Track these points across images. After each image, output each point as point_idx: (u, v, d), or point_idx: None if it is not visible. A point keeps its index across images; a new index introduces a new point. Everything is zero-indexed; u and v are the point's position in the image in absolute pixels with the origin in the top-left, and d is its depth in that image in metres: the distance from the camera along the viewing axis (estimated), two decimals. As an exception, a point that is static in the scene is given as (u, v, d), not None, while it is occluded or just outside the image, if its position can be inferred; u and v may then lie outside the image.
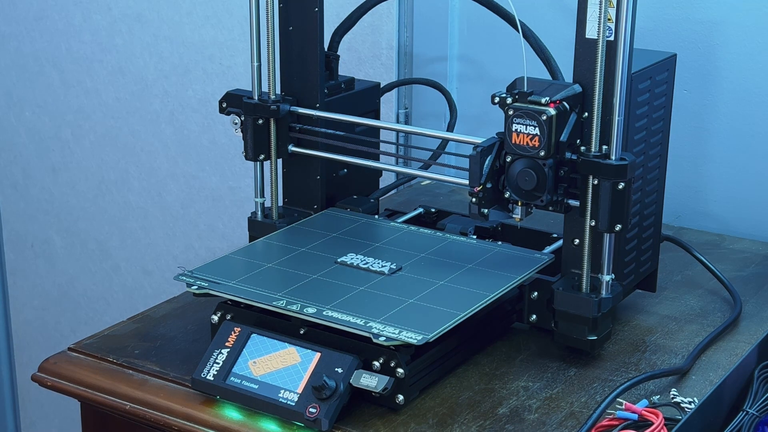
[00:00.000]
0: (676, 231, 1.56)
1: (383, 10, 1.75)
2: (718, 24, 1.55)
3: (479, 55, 1.77)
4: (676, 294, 1.38)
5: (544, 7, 1.66)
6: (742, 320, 1.31)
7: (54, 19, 2.16)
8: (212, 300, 1.21)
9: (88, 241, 2.27)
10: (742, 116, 1.57)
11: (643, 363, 1.22)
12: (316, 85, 1.38)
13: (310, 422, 1.07)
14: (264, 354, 1.13)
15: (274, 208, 1.39)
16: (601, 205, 1.14)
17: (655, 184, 1.30)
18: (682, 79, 1.50)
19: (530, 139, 1.15)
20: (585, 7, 1.15)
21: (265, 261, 1.25)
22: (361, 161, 1.36)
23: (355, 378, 1.08)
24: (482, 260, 1.26)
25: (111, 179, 2.19)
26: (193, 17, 1.99)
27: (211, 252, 2.08)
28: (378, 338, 1.08)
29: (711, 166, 1.61)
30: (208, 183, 2.06)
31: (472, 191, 1.16)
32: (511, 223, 1.34)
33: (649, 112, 1.25)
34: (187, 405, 1.14)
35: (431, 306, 1.15)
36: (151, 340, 1.26)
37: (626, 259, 1.25)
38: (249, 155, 1.36)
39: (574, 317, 1.19)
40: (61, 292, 2.35)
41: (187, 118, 2.05)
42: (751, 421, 1.12)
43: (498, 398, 1.15)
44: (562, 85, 1.17)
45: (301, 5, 1.36)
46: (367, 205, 1.42)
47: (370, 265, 1.24)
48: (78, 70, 2.16)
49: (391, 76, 1.78)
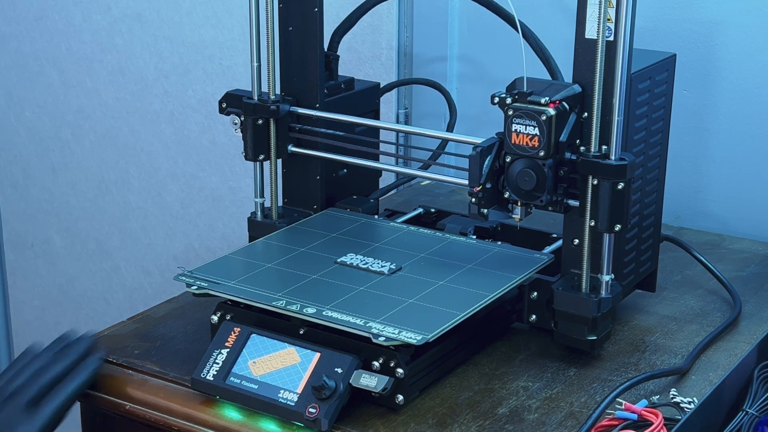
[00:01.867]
0: (676, 231, 1.56)
1: (383, 10, 1.75)
2: (718, 24, 1.55)
3: (479, 55, 1.77)
4: (676, 294, 1.38)
5: (544, 7, 1.66)
6: (741, 320, 1.31)
7: (54, 19, 2.16)
8: (212, 300, 1.21)
9: (88, 241, 2.27)
10: (742, 116, 1.57)
11: (642, 363, 1.22)
12: (315, 85, 1.38)
13: (310, 422, 1.07)
14: (264, 354, 1.13)
15: (273, 208, 1.39)
16: (601, 205, 1.14)
17: (655, 184, 1.30)
18: (682, 79, 1.50)
19: (530, 140, 1.15)
20: (584, 7, 1.15)
21: (264, 261, 1.25)
22: (361, 161, 1.36)
23: (354, 378, 1.08)
24: (482, 260, 1.26)
25: (111, 179, 2.19)
26: (193, 17, 1.99)
27: (211, 252, 2.08)
28: (378, 338, 1.08)
29: (711, 166, 1.61)
30: (208, 183, 2.06)
31: (471, 191, 1.16)
32: (510, 223, 1.34)
33: (648, 112, 1.25)
34: (186, 405, 1.14)
35: (431, 306, 1.15)
36: (151, 340, 1.26)
37: (626, 259, 1.25)
38: (249, 155, 1.36)
39: (573, 317, 1.19)
40: (61, 292, 2.35)
41: (187, 118, 2.05)
42: (751, 421, 1.12)
43: (498, 398, 1.15)
44: (561, 85, 1.17)
45: (301, 5, 1.36)
46: (367, 205, 1.42)
47: (370, 265, 1.24)
48: (78, 70, 2.16)
49: (391, 76, 1.78)
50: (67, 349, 1.19)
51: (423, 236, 1.34)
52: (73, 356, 1.17)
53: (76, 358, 1.17)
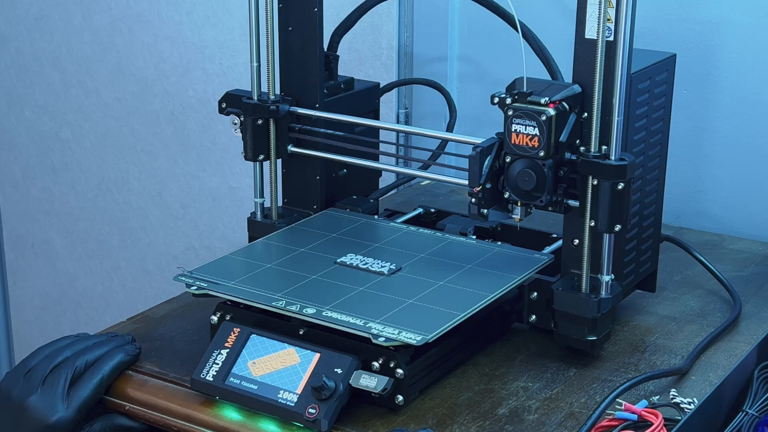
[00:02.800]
0: (676, 231, 1.56)
1: (383, 10, 1.75)
2: (718, 24, 1.55)
3: (479, 55, 1.77)
4: (676, 294, 1.38)
5: (544, 7, 1.66)
6: (741, 320, 1.31)
7: (54, 19, 2.16)
8: (212, 300, 1.21)
9: (88, 241, 2.27)
10: (742, 116, 1.57)
11: (642, 363, 1.22)
12: (315, 85, 1.37)
13: (310, 423, 1.07)
14: (263, 354, 1.13)
15: (273, 208, 1.39)
16: (601, 206, 1.14)
17: (655, 184, 1.30)
18: (682, 79, 1.50)
19: (530, 140, 1.15)
20: (584, 7, 1.15)
21: (264, 261, 1.25)
22: (361, 161, 1.36)
23: (354, 378, 1.08)
24: (482, 260, 1.26)
25: (111, 179, 2.19)
26: (193, 17, 1.99)
27: (211, 252, 2.08)
28: (377, 339, 1.08)
29: (711, 166, 1.61)
30: (208, 183, 2.06)
31: (471, 191, 1.16)
32: (510, 224, 1.34)
33: (648, 112, 1.25)
34: (186, 405, 1.14)
35: (431, 306, 1.15)
36: (151, 341, 1.26)
37: (626, 259, 1.25)
38: (248, 155, 1.36)
39: (573, 317, 1.19)
40: (61, 292, 2.35)
41: (187, 118, 2.05)
42: (751, 422, 1.12)
43: (497, 399, 1.15)
44: (561, 86, 1.17)
45: (301, 5, 1.36)
46: (367, 205, 1.42)
47: (370, 265, 1.24)
48: (78, 70, 2.16)
49: (391, 76, 1.78)
50: (105, 339, 1.21)
51: (423, 236, 1.34)
52: (111, 344, 1.20)
53: (113, 345, 1.20)
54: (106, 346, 1.19)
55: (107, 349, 1.18)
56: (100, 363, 1.17)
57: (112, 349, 1.19)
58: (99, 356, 1.17)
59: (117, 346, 1.19)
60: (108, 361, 1.17)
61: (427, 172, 1.39)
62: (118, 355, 1.18)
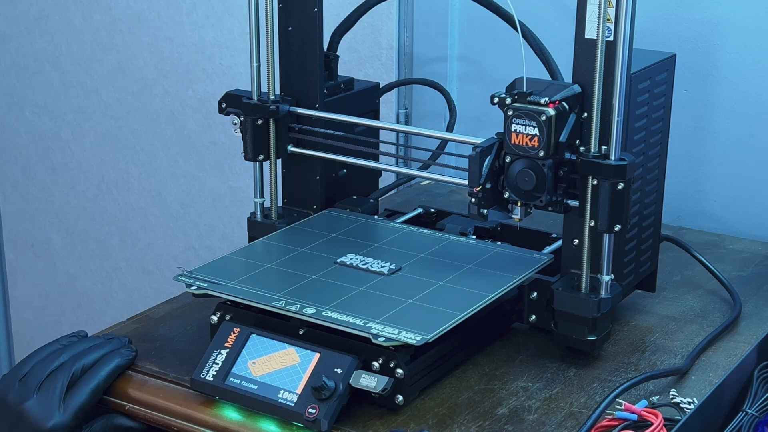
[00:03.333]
0: (676, 231, 1.56)
1: (383, 10, 1.75)
2: (718, 24, 1.55)
3: (479, 55, 1.77)
4: (676, 294, 1.38)
5: (544, 7, 1.66)
6: (741, 320, 1.31)
7: (54, 19, 2.16)
8: (212, 300, 1.21)
9: (88, 241, 2.27)
10: (742, 116, 1.57)
11: (642, 363, 1.22)
12: (315, 85, 1.37)
13: (310, 423, 1.07)
14: (263, 354, 1.13)
15: (273, 208, 1.39)
16: (601, 206, 1.14)
17: (655, 184, 1.30)
18: (682, 79, 1.50)
19: (530, 140, 1.15)
20: (584, 7, 1.15)
21: (264, 261, 1.25)
22: (361, 161, 1.36)
23: (354, 378, 1.08)
24: (482, 260, 1.26)
25: (111, 179, 2.19)
26: (193, 17, 1.99)
27: (211, 252, 2.08)
28: (377, 339, 1.08)
29: (711, 166, 1.61)
30: (208, 183, 2.06)
31: (471, 191, 1.16)
32: (510, 224, 1.34)
33: (648, 112, 1.24)
34: (186, 405, 1.14)
35: (431, 306, 1.15)
36: (151, 341, 1.26)
37: (626, 259, 1.25)
38: (248, 155, 1.36)
39: (573, 317, 1.19)
40: (61, 292, 2.35)
41: (187, 118, 2.05)
42: (751, 422, 1.12)
43: (497, 398, 1.15)
44: (561, 86, 1.17)
45: (301, 5, 1.36)
46: (367, 205, 1.42)
47: (370, 265, 1.24)
48: (78, 70, 2.16)
49: (391, 76, 1.78)
50: (101, 341, 1.21)
51: (423, 236, 1.34)
52: (107, 347, 1.19)
53: (109, 348, 1.19)
54: (102, 349, 1.18)
55: (104, 352, 1.18)
56: (97, 367, 1.16)
57: (109, 353, 1.18)
58: (95, 360, 1.17)
59: (114, 349, 1.19)
60: (104, 365, 1.17)
61: (427, 172, 1.39)
62: (114, 360, 1.17)
